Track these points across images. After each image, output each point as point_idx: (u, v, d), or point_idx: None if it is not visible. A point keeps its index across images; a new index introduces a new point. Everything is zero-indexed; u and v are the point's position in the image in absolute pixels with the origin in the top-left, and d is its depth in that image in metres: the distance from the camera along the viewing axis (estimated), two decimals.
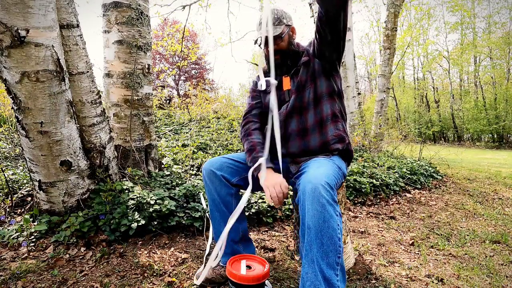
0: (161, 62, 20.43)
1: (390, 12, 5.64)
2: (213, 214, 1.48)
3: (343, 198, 1.65)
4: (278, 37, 1.44)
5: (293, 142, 1.46)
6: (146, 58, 2.37)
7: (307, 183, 1.14)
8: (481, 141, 18.45)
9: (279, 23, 1.45)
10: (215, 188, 1.44)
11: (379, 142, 5.35)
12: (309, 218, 1.09)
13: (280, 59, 1.48)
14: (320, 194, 1.09)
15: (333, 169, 1.27)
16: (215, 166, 1.46)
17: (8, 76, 1.53)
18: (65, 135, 1.71)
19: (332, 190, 1.13)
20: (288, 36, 1.48)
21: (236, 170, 1.46)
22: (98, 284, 1.37)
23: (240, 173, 1.46)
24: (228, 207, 1.44)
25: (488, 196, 3.58)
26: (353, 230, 2.24)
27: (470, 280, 1.56)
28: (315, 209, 1.08)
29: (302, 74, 1.46)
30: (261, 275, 1.21)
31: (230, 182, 1.44)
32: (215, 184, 1.44)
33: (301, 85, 1.46)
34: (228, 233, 1.43)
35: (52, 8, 1.57)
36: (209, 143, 3.85)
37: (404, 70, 22.36)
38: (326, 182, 1.12)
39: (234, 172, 1.46)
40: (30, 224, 1.71)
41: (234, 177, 1.45)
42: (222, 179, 1.44)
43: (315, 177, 1.14)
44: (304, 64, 1.46)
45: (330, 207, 1.09)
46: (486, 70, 19.33)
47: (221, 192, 1.44)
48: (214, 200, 1.46)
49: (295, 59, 1.51)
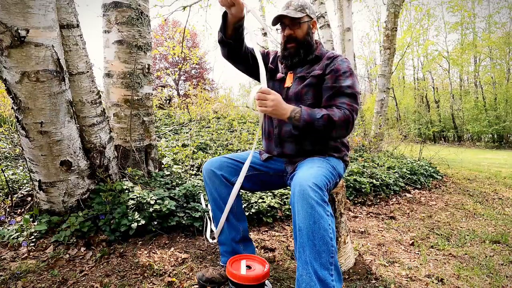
0: (161, 62, 20.44)
1: (390, 12, 5.64)
2: (215, 213, 1.48)
3: (343, 198, 1.65)
4: (296, 21, 1.40)
5: (288, 145, 1.45)
6: (146, 58, 2.37)
7: (296, 185, 1.15)
8: (481, 141, 18.42)
9: (301, 10, 1.41)
10: (216, 188, 1.44)
11: (379, 142, 5.34)
12: (299, 219, 1.10)
13: (292, 47, 1.44)
14: (309, 195, 1.09)
15: (325, 169, 1.27)
16: (215, 166, 1.46)
17: (8, 76, 1.53)
18: (65, 135, 1.71)
19: (321, 191, 1.13)
20: (307, 26, 1.44)
21: (236, 169, 1.45)
22: (98, 284, 1.37)
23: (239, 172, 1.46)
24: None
25: (488, 196, 3.58)
26: (353, 230, 2.24)
27: (470, 280, 1.56)
28: (305, 210, 1.09)
29: (307, 86, 1.41)
30: (261, 275, 1.21)
31: (230, 182, 1.44)
32: (215, 184, 1.44)
33: (301, 94, 1.42)
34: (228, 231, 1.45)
35: (52, 8, 1.57)
36: (209, 143, 3.85)
37: (404, 70, 22.35)
38: (313, 183, 1.12)
39: (234, 171, 1.45)
40: (30, 224, 1.71)
41: (234, 176, 1.44)
42: (222, 179, 1.44)
43: (303, 178, 1.15)
44: (314, 76, 1.41)
45: (319, 208, 1.09)
46: (486, 70, 19.32)
47: (222, 192, 1.44)
48: (215, 199, 1.46)
49: (308, 53, 1.45)
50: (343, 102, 1.31)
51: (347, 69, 1.37)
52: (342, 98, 1.33)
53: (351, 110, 1.30)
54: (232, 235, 1.46)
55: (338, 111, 1.29)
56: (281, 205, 2.35)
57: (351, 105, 1.31)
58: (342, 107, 1.30)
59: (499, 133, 17.60)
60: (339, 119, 1.26)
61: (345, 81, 1.35)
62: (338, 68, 1.37)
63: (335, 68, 1.37)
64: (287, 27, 1.43)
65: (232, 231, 1.46)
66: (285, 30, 1.44)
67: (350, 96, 1.33)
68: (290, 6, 1.42)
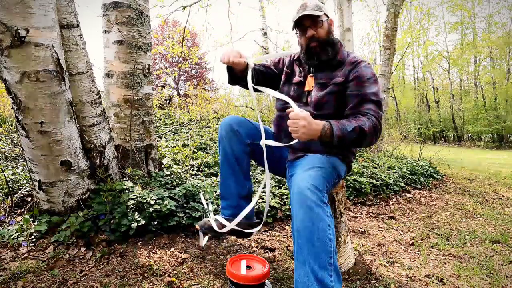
0: (161, 62, 20.44)
1: (390, 12, 5.63)
2: (223, 168, 1.51)
3: (343, 198, 1.65)
4: (317, 20, 1.37)
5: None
6: (146, 58, 2.37)
7: (294, 186, 1.15)
8: (481, 141, 18.43)
9: (318, 9, 1.37)
10: (231, 143, 1.47)
11: (379, 142, 5.35)
12: (298, 220, 1.10)
13: (316, 47, 1.40)
14: (307, 196, 1.09)
15: (325, 170, 1.26)
16: (234, 122, 1.49)
17: (8, 76, 1.53)
18: (65, 135, 1.71)
19: (320, 192, 1.13)
20: (328, 24, 1.41)
21: (253, 133, 1.49)
22: (98, 284, 1.37)
23: (254, 138, 1.50)
24: (240, 163, 1.48)
25: (488, 196, 3.58)
26: (353, 230, 2.24)
27: (470, 280, 1.57)
28: (304, 211, 1.09)
29: (328, 94, 1.38)
30: (261, 275, 1.21)
31: (244, 141, 1.48)
32: (232, 139, 1.47)
33: (322, 102, 1.40)
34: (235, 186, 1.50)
35: (52, 8, 1.57)
36: (209, 143, 3.85)
37: (404, 70, 22.36)
38: (312, 184, 1.12)
39: (251, 134, 1.49)
40: (30, 224, 1.71)
41: (249, 138, 1.49)
42: (239, 135, 1.47)
43: (302, 179, 1.15)
44: (335, 84, 1.38)
45: (318, 209, 1.09)
46: (486, 70, 19.33)
47: (236, 149, 1.47)
48: (227, 154, 1.48)
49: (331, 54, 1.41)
50: (369, 109, 1.28)
51: (371, 75, 1.34)
52: (368, 104, 1.30)
53: (378, 117, 1.27)
54: (238, 190, 1.50)
55: (366, 119, 1.25)
56: (281, 205, 2.35)
57: (377, 112, 1.29)
58: (368, 114, 1.27)
59: (499, 133, 17.61)
60: (369, 128, 1.23)
61: (371, 88, 1.32)
62: (362, 74, 1.34)
63: (359, 75, 1.34)
64: (308, 29, 1.39)
65: (238, 187, 1.50)
66: (307, 31, 1.39)
67: (376, 103, 1.30)
68: (307, 7, 1.38)
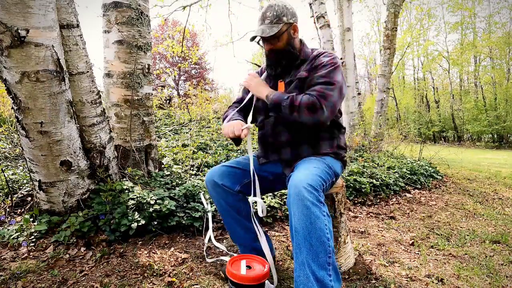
0: (161, 62, 20.44)
1: (390, 12, 5.63)
2: (226, 220, 1.53)
3: (343, 198, 1.65)
4: (274, 37, 1.37)
5: (284, 150, 1.46)
6: (146, 58, 2.37)
7: (291, 187, 1.15)
8: (481, 141, 18.44)
9: (277, 21, 1.35)
10: (221, 197, 1.47)
11: (379, 142, 5.34)
12: (295, 221, 1.11)
13: (274, 58, 1.43)
14: (304, 196, 1.10)
15: (321, 170, 1.27)
16: (216, 176, 1.47)
17: (8, 76, 1.53)
18: (65, 135, 1.71)
19: (317, 192, 1.13)
20: (287, 35, 1.40)
21: (237, 177, 1.47)
22: (98, 284, 1.37)
23: (241, 180, 1.48)
24: (239, 212, 1.48)
25: (488, 196, 3.58)
26: (353, 230, 2.24)
27: (470, 280, 1.56)
28: (301, 211, 1.09)
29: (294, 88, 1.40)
30: (261, 275, 1.21)
31: (232, 190, 1.46)
32: (220, 193, 1.47)
33: None
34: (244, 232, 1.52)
35: (52, 8, 1.57)
36: (209, 143, 3.85)
37: (404, 70, 22.36)
38: (308, 184, 1.12)
39: (235, 180, 1.47)
40: (30, 224, 1.71)
41: (235, 185, 1.47)
42: (225, 188, 1.45)
43: (298, 179, 1.15)
44: (300, 79, 1.40)
45: (315, 208, 1.09)
46: (486, 70, 19.33)
47: (228, 200, 1.46)
48: (222, 206, 1.48)
49: (291, 60, 1.45)
50: (313, 90, 1.29)
51: (327, 62, 1.35)
52: (315, 86, 1.31)
53: (319, 95, 1.26)
54: (250, 236, 1.50)
55: (305, 95, 1.28)
56: (281, 205, 2.35)
57: (321, 91, 1.27)
58: (310, 93, 1.28)
59: (499, 133, 17.62)
60: (301, 102, 1.26)
61: (320, 71, 1.33)
62: (320, 63, 1.37)
63: (317, 64, 1.37)
64: (266, 42, 1.42)
65: (248, 233, 1.50)
66: (265, 44, 1.43)
67: (322, 84, 1.30)
68: (265, 19, 1.37)
